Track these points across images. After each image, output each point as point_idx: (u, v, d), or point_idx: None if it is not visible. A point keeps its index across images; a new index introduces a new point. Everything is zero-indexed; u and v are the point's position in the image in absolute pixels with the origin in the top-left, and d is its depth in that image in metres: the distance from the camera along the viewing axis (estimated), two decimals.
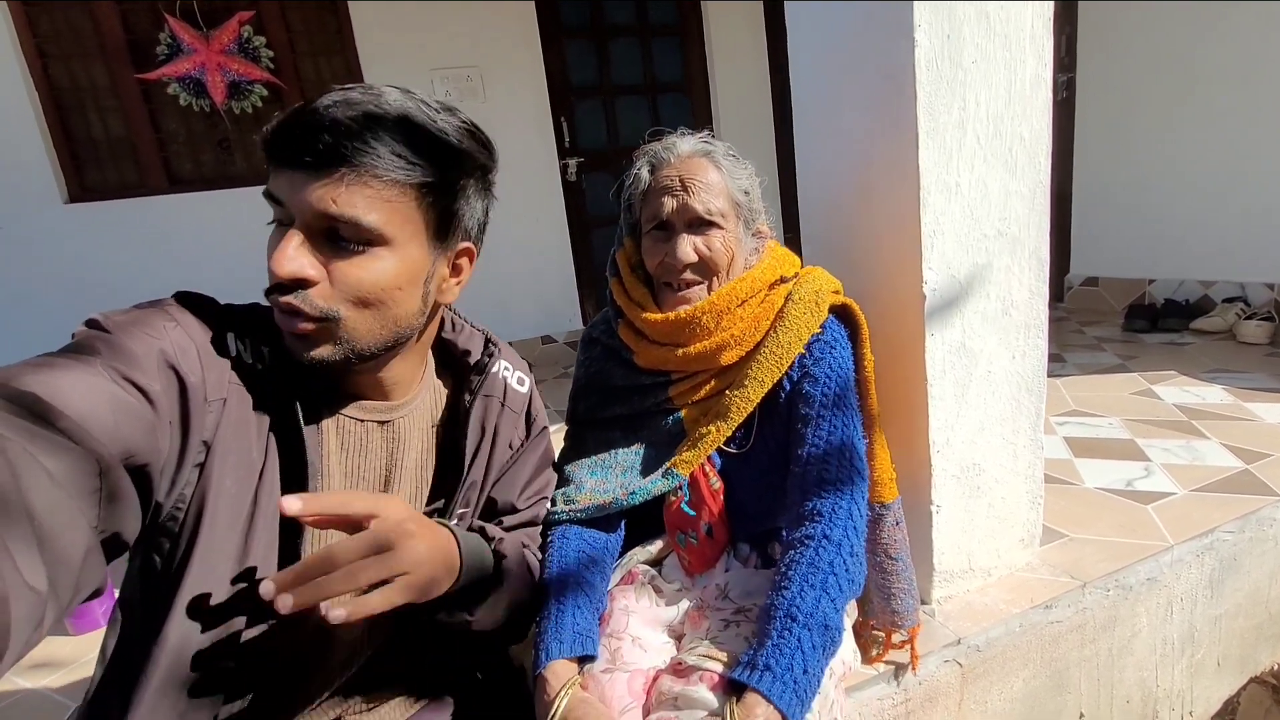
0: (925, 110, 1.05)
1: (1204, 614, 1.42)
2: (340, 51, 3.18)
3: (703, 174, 0.92)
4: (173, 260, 2.99)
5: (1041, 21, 1.11)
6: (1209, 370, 2.38)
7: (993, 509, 1.26)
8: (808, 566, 0.80)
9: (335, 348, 0.65)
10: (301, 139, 0.60)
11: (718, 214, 0.92)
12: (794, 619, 0.75)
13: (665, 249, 0.93)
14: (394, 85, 0.66)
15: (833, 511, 0.84)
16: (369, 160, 0.61)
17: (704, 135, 0.98)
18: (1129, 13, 3.10)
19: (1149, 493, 1.59)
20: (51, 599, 0.46)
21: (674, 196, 0.92)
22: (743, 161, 0.98)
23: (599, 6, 3.63)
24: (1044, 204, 1.19)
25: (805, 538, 0.83)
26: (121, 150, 2.96)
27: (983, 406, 1.20)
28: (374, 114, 0.62)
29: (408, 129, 0.63)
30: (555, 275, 3.69)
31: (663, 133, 0.99)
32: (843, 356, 0.95)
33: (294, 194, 0.61)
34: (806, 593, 0.77)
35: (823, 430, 0.90)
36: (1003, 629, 1.20)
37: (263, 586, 0.54)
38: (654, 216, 0.94)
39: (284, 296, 0.62)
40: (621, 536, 0.99)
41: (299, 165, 0.61)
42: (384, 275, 0.65)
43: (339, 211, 0.61)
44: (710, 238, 0.92)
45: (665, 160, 0.95)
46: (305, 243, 0.62)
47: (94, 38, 2.83)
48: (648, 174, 0.95)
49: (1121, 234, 3.32)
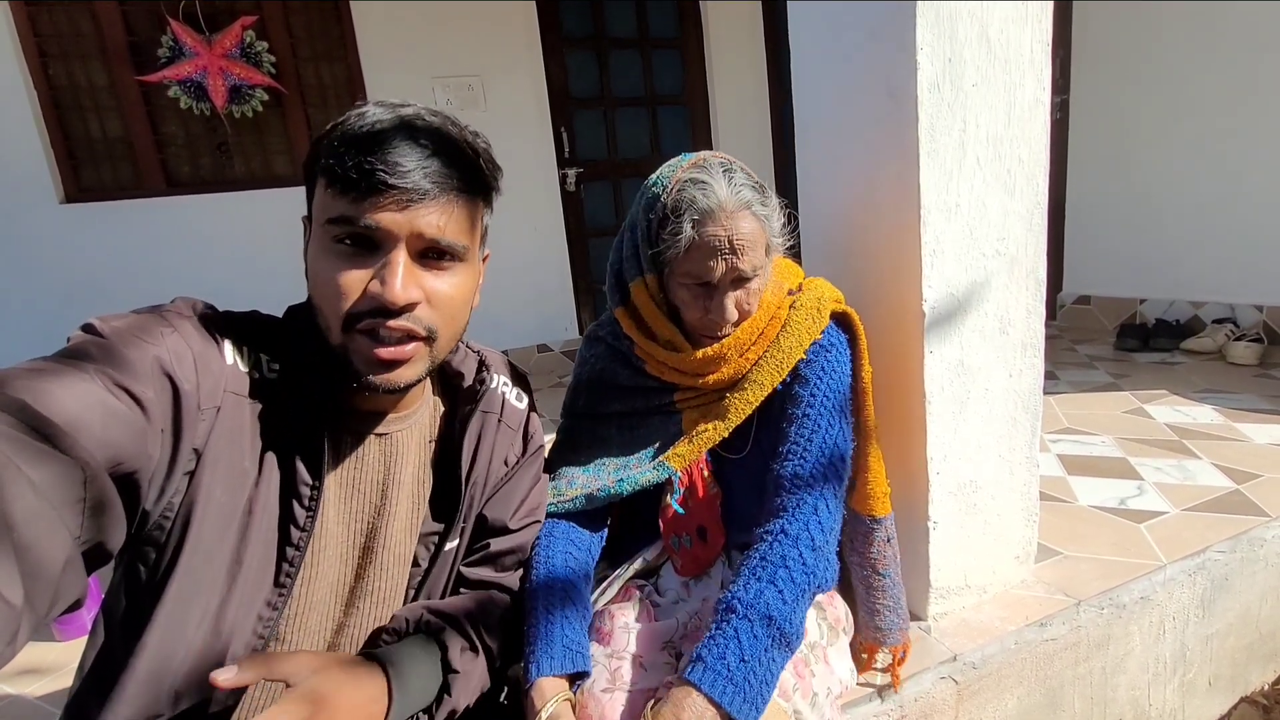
0: (927, 131, 1.06)
1: (1196, 633, 1.43)
2: (343, 58, 3.19)
3: (748, 229, 0.88)
4: (169, 262, 2.98)
5: (1040, 46, 1.13)
6: (1200, 390, 2.41)
7: (989, 526, 1.27)
8: (758, 561, 0.81)
9: (424, 366, 0.68)
10: (398, 169, 0.61)
11: (759, 267, 0.91)
12: (733, 610, 0.76)
13: (708, 306, 0.91)
14: (410, 102, 0.68)
15: (796, 507, 0.85)
16: (458, 185, 0.65)
17: (740, 178, 0.91)
18: (1123, 36, 3.15)
19: (1142, 511, 1.61)
20: (27, 611, 0.45)
21: (723, 260, 0.88)
22: (770, 197, 0.94)
23: (600, 18, 3.66)
24: (1041, 224, 1.20)
25: (764, 534, 0.84)
26: (119, 151, 2.94)
27: (980, 424, 1.21)
28: (447, 137, 0.65)
29: (470, 150, 0.67)
30: (552, 284, 3.70)
31: (698, 176, 0.90)
32: (838, 361, 0.95)
33: (399, 222, 0.62)
34: (750, 585, 0.78)
35: (805, 430, 0.91)
36: (998, 646, 1.21)
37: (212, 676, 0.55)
38: (698, 275, 0.89)
39: (394, 321, 0.64)
40: (605, 534, 0.99)
41: (396, 195, 0.62)
42: (465, 289, 0.70)
43: (446, 237, 0.65)
44: (750, 291, 0.92)
45: (710, 215, 0.88)
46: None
47: (95, 38, 2.82)
48: (690, 229, 0.87)
49: (1114, 253, 3.36)
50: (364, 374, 0.65)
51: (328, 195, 0.63)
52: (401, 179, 0.61)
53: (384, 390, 0.66)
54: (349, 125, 0.64)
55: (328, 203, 0.64)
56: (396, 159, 0.61)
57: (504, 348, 3.63)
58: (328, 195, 0.63)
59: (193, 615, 0.61)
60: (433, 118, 0.66)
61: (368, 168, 0.61)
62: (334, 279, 0.63)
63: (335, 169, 0.62)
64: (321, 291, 0.65)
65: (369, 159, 0.61)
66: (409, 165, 0.62)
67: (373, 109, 0.65)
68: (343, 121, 0.65)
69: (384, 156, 0.61)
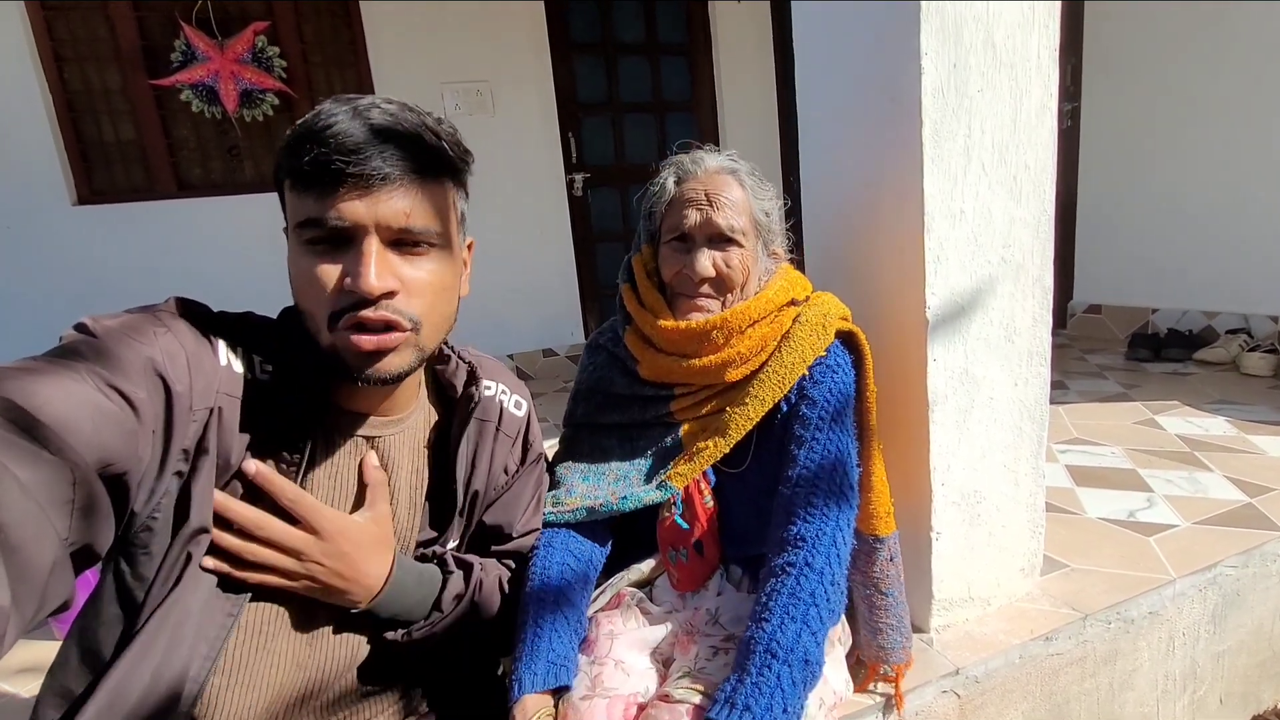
0: (931, 137, 1.05)
1: (1206, 650, 1.40)
2: (353, 64, 3.21)
3: (728, 191, 0.93)
4: (179, 263, 3.01)
5: (1047, 52, 1.12)
6: (1212, 401, 2.37)
7: (993, 537, 1.25)
8: (789, 597, 0.78)
9: (412, 355, 0.67)
10: (355, 157, 0.61)
11: (739, 231, 0.93)
12: (774, 655, 0.73)
13: (684, 260, 0.94)
14: (368, 95, 0.68)
15: (816, 538, 0.83)
16: (422, 168, 0.64)
17: (731, 153, 0.99)
18: (1134, 43, 3.13)
19: (1151, 524, 1.58)
20: (14, 614, 0.45)
21: (698, 210, 0.92)
22: (766, 183, 0.99)
23: (609, 24, 3.68)
24: (1048, 231, 1.19)
25: (788, 565, 0.81)
26: (131, 154, 2.98)
27: (984, 433, 1.19)
28: (402, 122, 0.64)
29: (429, 133, 0.66)
30: (559, 289, 3.70)
31: (690, 146, 1.00)
32: (844, 382, 0.94)
33: (362, 211, 0.62)
34: (787, 626, 0.75)
35: (815, 453, 0.89)
36: (1002, 660, 1.18)
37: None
38: (675, 227, 0.94)
39: (373, 312, 0.63)
40: (607, 551, 0.98)
41: (356, 183, 0.61)
42: (444, 276, 0.69)
43: (416, 223, 0.64)
44: (729, 254, 0.93)
45: (692, 173, 0.95)
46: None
47: (109, 42, 2.86)
48: (673, 184, 0.96)
49: (1125, 262, 3.32)
50: (354, 368, 0.65)
51: (294, 197, 0.64)
52: (360, 166, 0.61)
53: (375, 381, 0.66)
54: (305, 124, 0.64)
55: (295, 205, 0.64)
56: (351, 146, 0.61)
57: (509, 351, 3.69)
58: (294, 197, 0.64)
59: (174, 615, 0.60)
60: (389, 105, 0.65)
61: (323, 159, 0.61)
62: (311, 278, 0.64)
63: (296, 167, 0.62)
64: (303, 294, 0.66)
65: (323, 150, 0.61)
66: (367, 152, 0.61)
67: (329, 105, 0.65)
68: (300, 123, 0.65)
69: (340, 145, 0.61)
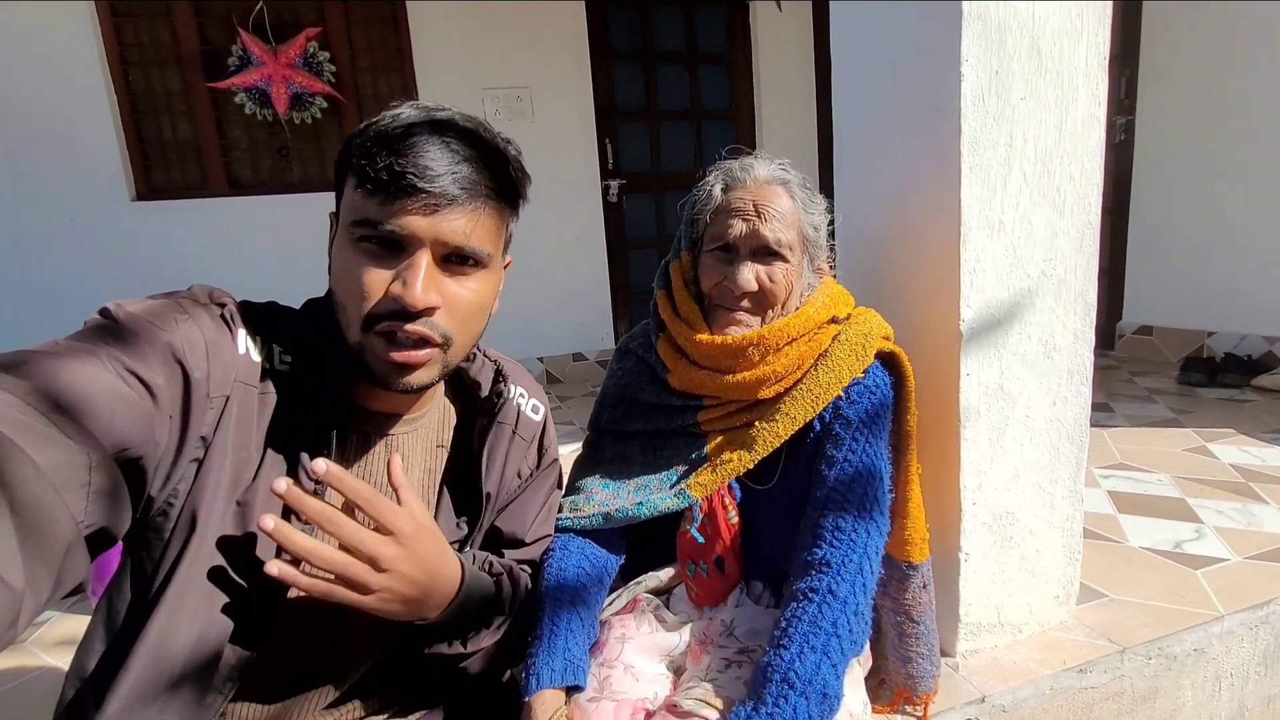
0: (970, 145, 1.02)
1: (1256, 692, 1.32)
2: (399, 69, 3.30)
3: (777, 202, 0.88)
4: (228, 258, 3.12)
5: (1096, 60, 1.08)
6: (1271, 430, 2.24)
7: (1026, 561, 1.20)
8: (810, 625, 0.75)
9: (438, 370, 0.67)
10: (428, 173, 0.61)
11: (785, 245, 0.88)
12: (791, 685, 0.70)
13: (725, 272, 0.89)
14: (445, 106, 0.67)
15: (842, 564, 0.79)
16: (488, 193, 0.64)
17: (783, 163, 0.93)
18: (1192, 54, 3.00)
19: (1199, 556, 1.50)
20: (29, 595, 0.45)
21: (745, 220, 0.88)
22: (817, 196, 0.94)
23: (650, 32, 3.70)
24: (1093, 246, 1.14)
25: (810, 590, 0.78)
26: (187, 154, 3.12)
27: (1019, 452, 1.15)
28: (480, 142, 0.65)
29: (501, 157, 0.67)
30: (591, 294, 3.72)
31: (740, 152, 0.95)
32: (881, 403, 0.89)
33: (423, 226, 0.62)
34: (806, 655, 0.72)
35: (846, 474, 0.85)
36: (1031, 690, 1.13)
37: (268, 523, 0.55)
38: (719, 237, 0.89)
39: (411, 325, 0.63)
40: (622, 559, 0.96)
41: (424, 199, 0.61)
42: (485, 296, 0.69)
43: (471, 244, 0.64)
44: (773, 269, 0.89)
45: (741, 181, 0.90)
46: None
47: (172, 47, 3.00)
48: (720, 192, 0.91)
49: (1179, 282, 3.18)
50: (380, 375, 0.65)
51: (357, 195, 0.63)
52: (431, 183, 0.61)
53: (398, 390, 0.66)
54: (382, 125, 0.64)
55: (355, 202, 0.64)
56: (427, 163, 0.61)
57: (539, 355, 3.71)
58: (357, 195, 0.63)
59: (188, 603, 0.61)
60: (466, 122, 0.65)
61: (398, 169, 0.60)
62: (357, 278, 0.63)
63: (366, 169, 0.62)
64: (344, 289, 0.65)
65: (400, 160, 0.60)
66: (439, 169, 0.61)
67: (407, 110, 0.65)
68: (377, 121, 0.65)
69: (415, 159, 0.61)
